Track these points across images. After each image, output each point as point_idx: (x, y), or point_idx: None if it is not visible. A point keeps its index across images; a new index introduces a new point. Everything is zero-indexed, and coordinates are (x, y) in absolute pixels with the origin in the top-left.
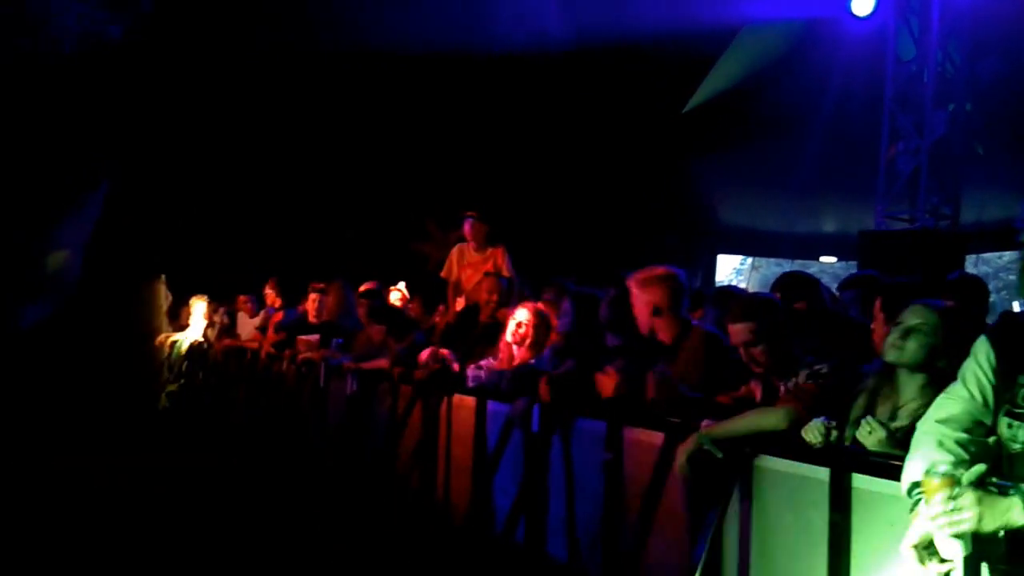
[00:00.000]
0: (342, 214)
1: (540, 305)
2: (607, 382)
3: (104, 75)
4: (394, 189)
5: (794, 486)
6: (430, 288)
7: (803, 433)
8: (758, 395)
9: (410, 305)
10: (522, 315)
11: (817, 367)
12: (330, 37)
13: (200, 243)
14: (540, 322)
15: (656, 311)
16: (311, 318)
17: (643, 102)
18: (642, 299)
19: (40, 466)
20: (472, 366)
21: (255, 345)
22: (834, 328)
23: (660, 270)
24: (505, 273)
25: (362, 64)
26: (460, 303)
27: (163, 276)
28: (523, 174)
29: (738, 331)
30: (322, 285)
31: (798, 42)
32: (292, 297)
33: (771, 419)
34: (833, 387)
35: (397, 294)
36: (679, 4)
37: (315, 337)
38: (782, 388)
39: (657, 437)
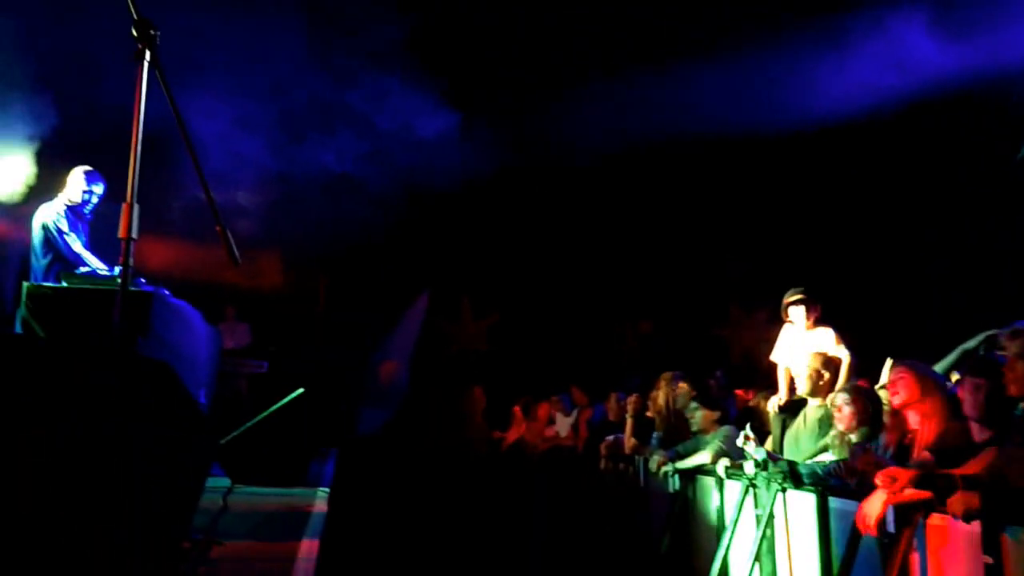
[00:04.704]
0: (639, 307)
1: (861, 382)
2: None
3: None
4: (692, 275)
5: None
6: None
7: None
8: None
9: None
10: (841, 399)
11: None
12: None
13: (508, 346)
14: (863, 401)
15: None
16: (612, 416)
17: (973, 152)
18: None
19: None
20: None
21: (571, 443)
22: None
23: None
24: (831, 355)
25: (667, 148)
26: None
27: (479, 382)
28: (846, 241)
29: None
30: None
31: None
32: (599, 393)
33: None
34: None
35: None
36: (1003, 43)
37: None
38: None
39: None
